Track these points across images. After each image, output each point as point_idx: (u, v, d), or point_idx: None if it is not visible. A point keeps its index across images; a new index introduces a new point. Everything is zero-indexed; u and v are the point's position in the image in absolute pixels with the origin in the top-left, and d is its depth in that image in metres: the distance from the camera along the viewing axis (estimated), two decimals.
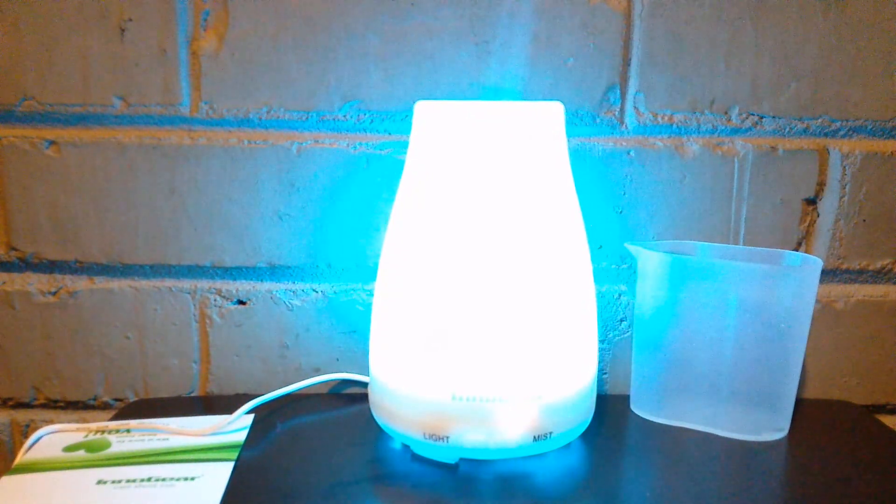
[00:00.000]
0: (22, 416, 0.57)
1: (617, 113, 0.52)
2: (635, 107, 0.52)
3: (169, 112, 0.52)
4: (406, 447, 0.44)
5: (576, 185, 0.43)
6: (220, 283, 0.55)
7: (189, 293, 0.55)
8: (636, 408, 0.51)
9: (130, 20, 0.51)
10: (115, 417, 0.51)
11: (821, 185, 0.53)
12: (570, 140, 0.51)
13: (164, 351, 0.55)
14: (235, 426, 0.48)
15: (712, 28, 0.51)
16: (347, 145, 0.52)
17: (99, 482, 0.41)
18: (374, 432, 0.47)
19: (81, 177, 0.53)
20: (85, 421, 0.56)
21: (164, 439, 0.46)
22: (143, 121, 0.52)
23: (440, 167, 0.41)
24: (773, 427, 0.47)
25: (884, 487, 0.41)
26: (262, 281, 0.54)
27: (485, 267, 0.40)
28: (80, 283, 0.55)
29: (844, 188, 0.53)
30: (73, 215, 0.53)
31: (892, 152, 0.52)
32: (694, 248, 0.50)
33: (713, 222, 0.53)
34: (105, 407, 0.56)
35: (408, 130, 0.43)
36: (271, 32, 0.51)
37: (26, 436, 0.57)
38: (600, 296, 0.54)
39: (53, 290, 0.55)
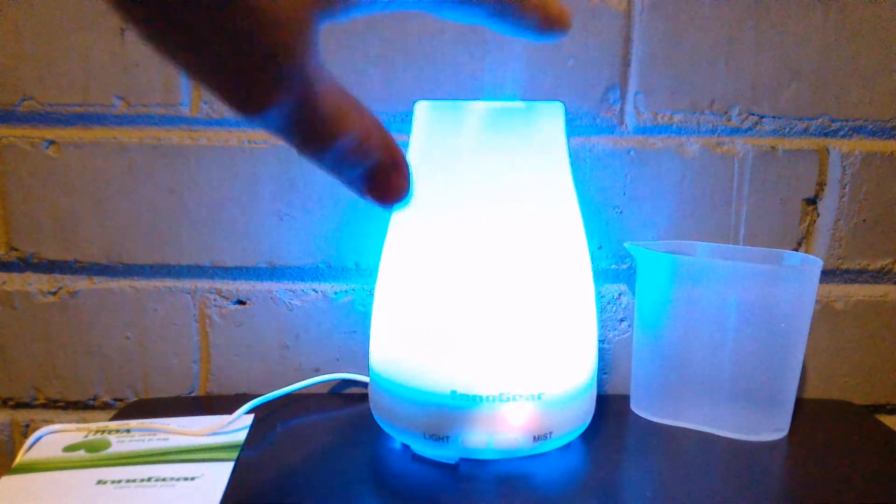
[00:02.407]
0: (22, 416, 0.57)
1: (617, 113, 0.52)
2: (635, 107, 0.52)
3: (169, 112, 0.52)
4: (406, 447, 0.44)
5: (576, 185, 0.43)
6: (220, 283, 0.55)
7: (189, 293, 0.55)
8: (636, 408, 0.51)
9: None
10: (115, 417, 0.51)
11: (821, 185, 0.53)
12: (570, 140, 0.51)
13: (164, 351, 0.55)
14: (235, 426, 0.48)
15: (712, 28, 0.51)
16: None
17: (99, 482, 0.41)
18: (374, 432, 0.46)
19: (81, 177, 0.53)
20: (85, 421, 0.56)
21: (164, 439, 0.46)
22: (143, 121, 0.52)
23: (440, 167, 0.41)
24: (773, 427, 0.47)
25: (884, 487, 0.41)
26: (262, 281, 0.54)
27: (485, 267, 0.40)
28: (80, 283, 0.55)
29: (844, 188, 0.53)
30: (73, 215, 0.53)
31: (892, 152, 0.52)
32: (694, 248, 0.50)
33: (713, 222, 0.53)
34: (105, 407, 0.56)
35: (408, 130, 0.43)
36: None
37: (26, 436, 0.57)
38: (600, 296, 0.54)
39: (53, 290, 0.55)
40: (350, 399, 0.54)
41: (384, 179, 0.23)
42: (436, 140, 0.41)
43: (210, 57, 0.19)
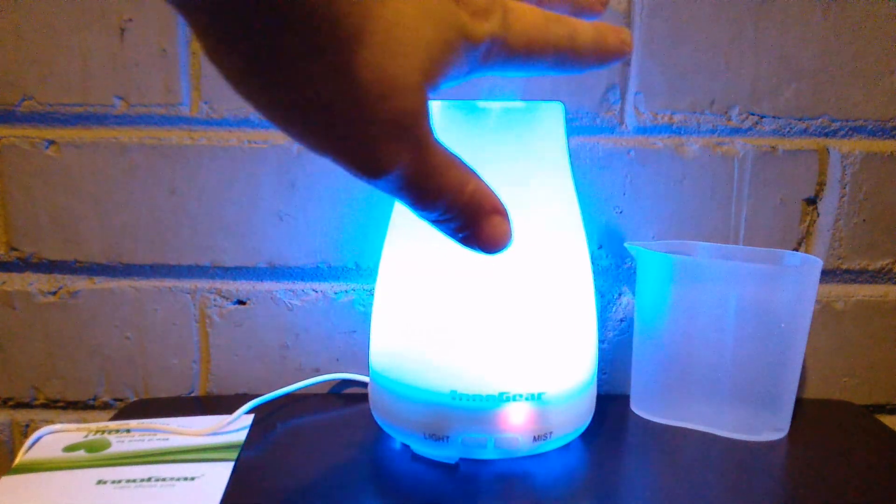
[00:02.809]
0: (22, 416, 0.57)
1: (617, 113, 0.52)
2: (635, 107, 0.52)
3: (169, 112, 0.52)
4: (406, 447, 0.44)
5: (576, 185, 0.43)
6: (220, 283, 0.55)
7: (189, 293, 0.55)
8: (636, 408, 0.51)
9: (130, 20, 0.51)
10: (115, 417, 0.51)
11: (821, 185, 0.53)
12: (570, 140, 0.51)
13: (164, 351, 0.55)
14: (235, 426, 0.48)
15: (712, 28, 0.51)
16: None
17: (99, 482, 0.41)
18: (374, 432, 0.47)
19: (81, 177, 0.53)
20: (85, 421, 0.56)
21: (164, 439, 0.46)
22: (143, 121, 0.52)
23: None
24: (773, 427, 0.47)
25: (884, 487, 0.41)
26: (262, 281, 0.54)
27: (485, 267, 0.40)
28: (80, 283, 0.55)
29: (844, 188, 0.53)
30: (73, 215, 0.53)
31: (892, 152, 0.52)
32: (694, 248, 0.50)
33: (713, 222, 0.53)
34: (105, 407, 0.56)
35: None
36: None
37: (26, 436, 0.57)
38: (600, 296, 0.54)
39: (53, 290, 0.55)
40: (350, 399, 0.54)
41: (489, 229, 0.25)
42: None
43: (340, 127, 0.21)
